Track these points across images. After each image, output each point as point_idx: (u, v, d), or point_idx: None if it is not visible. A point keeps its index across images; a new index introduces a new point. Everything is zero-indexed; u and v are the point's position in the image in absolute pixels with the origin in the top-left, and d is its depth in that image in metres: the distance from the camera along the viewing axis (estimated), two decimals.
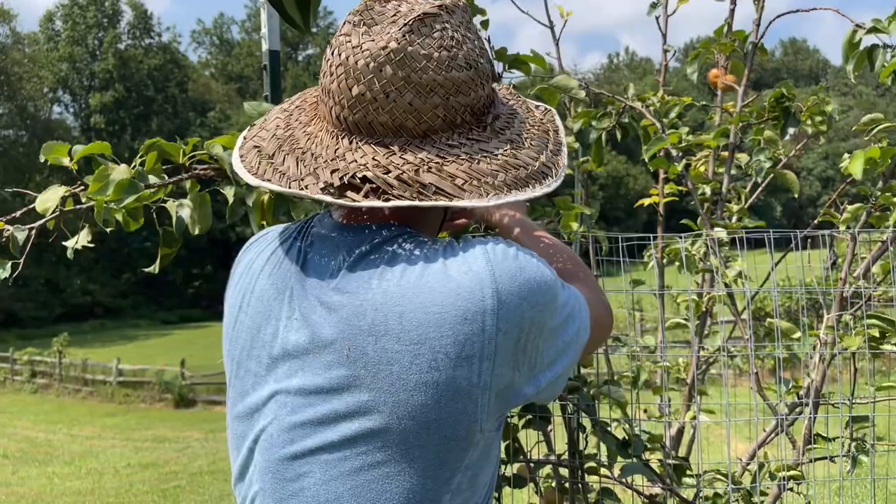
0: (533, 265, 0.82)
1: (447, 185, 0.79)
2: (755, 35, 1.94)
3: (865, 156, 1.42)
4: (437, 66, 0.81)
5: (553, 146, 0.88)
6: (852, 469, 1.47)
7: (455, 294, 0.77)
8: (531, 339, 0.80)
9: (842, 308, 1.51)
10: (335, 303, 0.81)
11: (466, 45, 0.83)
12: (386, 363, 0.77)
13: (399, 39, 0.80)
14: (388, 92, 0.80)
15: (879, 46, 1.57)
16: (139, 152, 1.45)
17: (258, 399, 0.86)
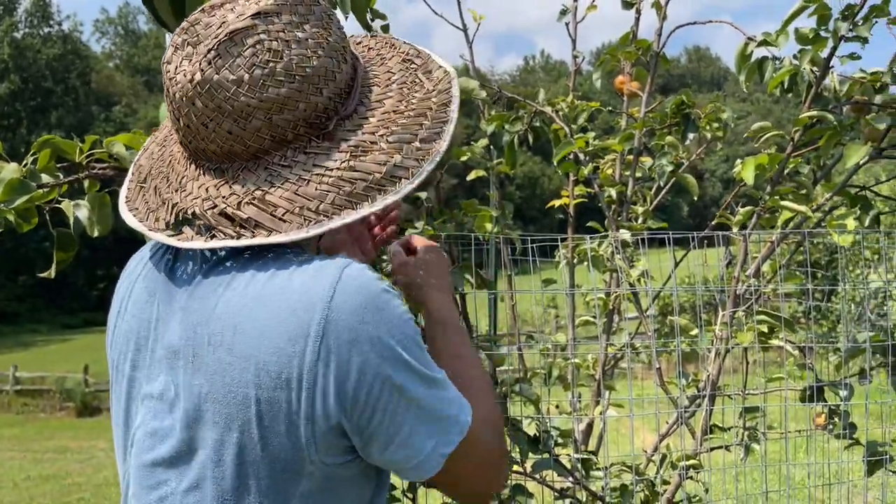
0: (394, 309, 0.74)
1: (266, 217, 0.74)
2: (657, 44, 2.03)
3: (755, 162, 1.51)
4: (250, 89, 0.75)
5: (428, 131, 0.78)
6: (745, 457, 1.56)
7: (289, 311, 0.73)
8: (372, 390, 0.73)
9: (736, 305, 1.60)
10: (188, 308, 0.79)
11: (289, 52, 0.76)
12: (220, 374, 0.75)
13: (205, 68, 0.76)
14: (205, 123, 0.77)
15: (769, 59, 1.67)
16: (31, 149, 1.37)
17: (132, 403, 0.83)
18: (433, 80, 0.84)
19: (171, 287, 0.82)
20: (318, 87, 0.77)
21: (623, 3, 2.39)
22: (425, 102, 0.80)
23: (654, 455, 1.83)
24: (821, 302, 1.68)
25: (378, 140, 0.77)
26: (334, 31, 0.80)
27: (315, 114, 0.77)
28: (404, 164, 0.76)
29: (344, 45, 0.81)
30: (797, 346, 1.55)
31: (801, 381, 1.72)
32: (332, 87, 0.78)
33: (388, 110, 0.79)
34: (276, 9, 0.77)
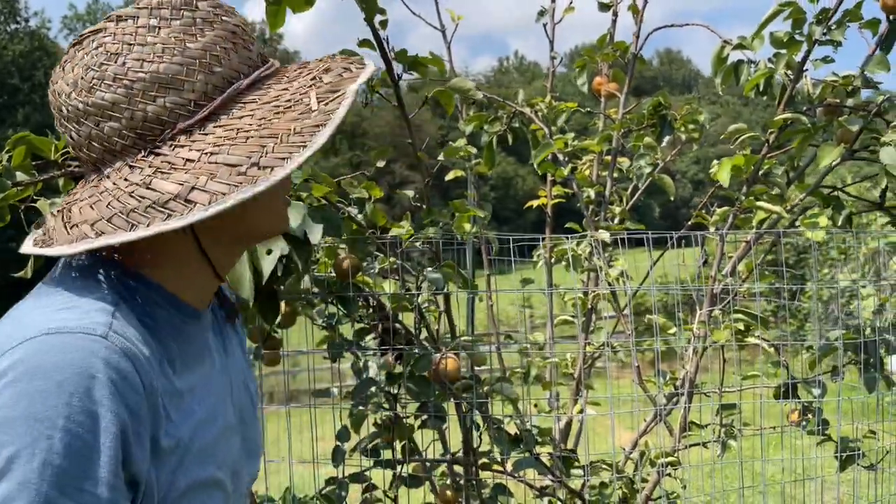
0: (42, 411, 0.63)
1: (60, 228, 0.71)
2: (635, 46, 2.05)
3: (731, 163, 1.54)
4: (80, 92, 0.71)
5: (269, 156, 0.68)
6: (722, 453, 1.58)
7: None
8: None
9: (712, 304, 1.63)
10: None
11: (126, 56, 0.70)
12: None
13: (56, 71, 0.74)
14: (58, 127, 0.75)
15: (744, 62, 1.69)
16: (5, 147, 1.35)
17: None
18: (326, 101, 0.72)
19: None
20: (151, 95, 0.70)
21: (600, 5, 2.41)
22: (292, 124, 0.70)
23: (632, 453, 1.85)
24: (790, 301, 1.72)
25: (197, 159, 0.69)
26: (207, 38, 0.73)
27: (145, 124, 0.70)
28: (208, 189, 0.67)
29: (216, 55, 0.73)
30: (771, 344, 1.58)
31: (776, 379, 1.75)
32: (173, 97, 0.71)
33: (236, 128, 0.71)
34: (134, 13, 0.73)
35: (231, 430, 0.82)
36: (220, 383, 0.82)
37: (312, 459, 1.51)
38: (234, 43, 0.75)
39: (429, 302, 1.75)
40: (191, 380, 0.76)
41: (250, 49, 0.77)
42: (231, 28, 0.75)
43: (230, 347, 0.89)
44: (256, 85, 0.75)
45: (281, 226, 0.84)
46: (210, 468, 0.75)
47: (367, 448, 1.52)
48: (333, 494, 1.49)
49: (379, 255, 1.70)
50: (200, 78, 0.72)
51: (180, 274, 0.78)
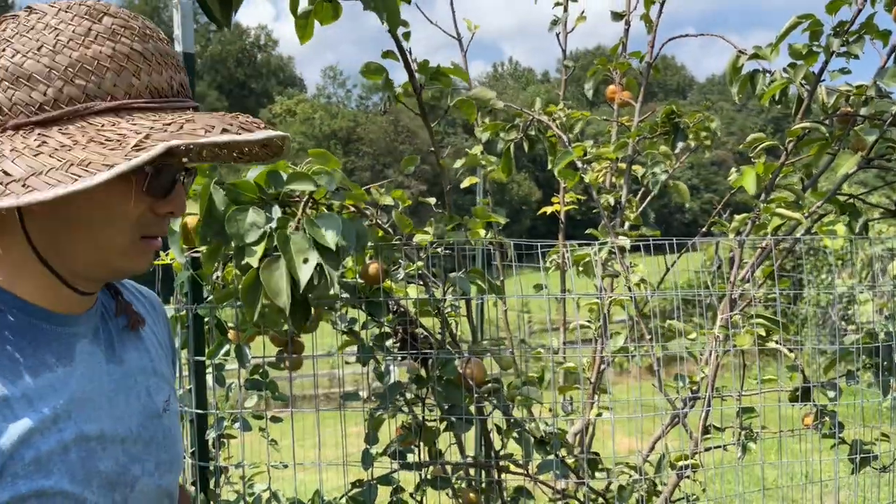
0: None
1: None
2: (650, 55, 2.08)
3: (754, 171, 1.57)
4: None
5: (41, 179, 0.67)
6: (742, 456, 1.61)
7: None
8: None
9: (731, 309, 1.66)
10: None
11: (11, 46, 0.73)
12: None
13: None
14: None
15: (760, 71, 1.73)
16: None
17: None
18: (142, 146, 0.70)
19: None
20: (4, 86, 0.72)
21: (613, 15, 2.46)
22: (95, 154, 0.68)
23: (649, 455, 1.88)
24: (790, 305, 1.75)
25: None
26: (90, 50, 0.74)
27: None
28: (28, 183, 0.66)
29: (87, 69, 0.73)
30: (791, 349, 1.61)
31: (790, 383, 1.78)
32: (21, 94, 0.72)
33: (42, 140, 0.71)
34: (48, 10, 0.75)
35: (103, 441, 0.79)
36: (87, 390, 0.80)
37: (343, 462, 1.53)
38: (119, 64, 0.74)
39: (452, 307, 1.78)
40: (29, 385, 0.74)
41: (144, 77, 0.75)
42: (126, 50, 0.75)
43: (125, 355, 0.87)
44: (129, 112, 0.74)
45: (118, 263, 0.80)
46: (54, 479, 0.73)
47: (395, 451, 1.54)
48: (362, 497, 1.51)
49: (404, 261, 1.72)
50: (57, 84, 0.72)
51: (18, 275, 0.77)
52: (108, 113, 0.73)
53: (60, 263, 0.78)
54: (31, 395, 0.74)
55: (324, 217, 1.35)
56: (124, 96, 0.74)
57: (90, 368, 0.81)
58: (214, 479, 1.63)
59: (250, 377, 1.54)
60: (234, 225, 1.30)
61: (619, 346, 1.91)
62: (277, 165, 1.40)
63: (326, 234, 1.31)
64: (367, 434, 1.55)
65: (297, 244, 1.30)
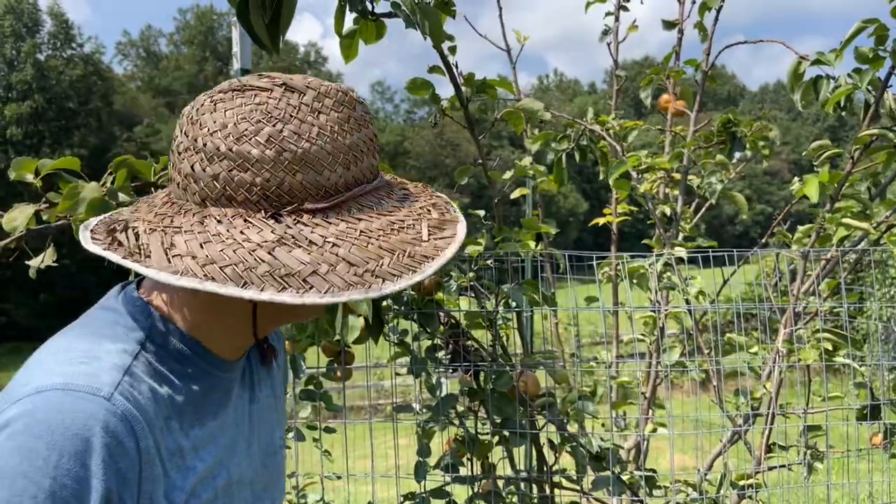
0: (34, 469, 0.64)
1: (159, 251, 0.70)
2: (706, 63, 2.04)
3: (818, 180, 1.52)
4: (227, 135, 0.73)
5: (383, 269, 0.71)
6: (808, 476, 1.55)
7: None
8: None
9: (795, 323, 1.60)
10: None
11: (285, 125, 0.73)
12: None
13: (205, 104, 0.76)
14: (179, 150, 0.76)
15: (823, 78, 1.68)
16: (108, 169, 1.41)
17: None
18: (434, 235, 0.77)
19: None
20: (294, 169, 0.73)
21: (664, 23, 2.42)
22: (406, 246, 0.74)
23: (707, 473, 1.82)
24: (851, 320, 1.69)
25: (321, 244, 0.71)
26: (354, 137, 0.77)
27: (278, 190, 0.73)
28: (327, 278, 0.69)
29: (356, 155, 0.77)
30: (861, 364, 1.54)
31: (859, 400, 1.71)
32: (311, 178, 0.74)
33: (357, 229, 0.74)
34: (303, 89, 0.76)
35: (239, 485, 0.81)
36: (233, 435, 0.81)
37: (395, 473, 1.52)
38: (368, 148, 0.79)
39: (504, 319, 1.77)
40: (198, 435, 0.76)
41: (375, 158, 0.81)
42: (370, 135, 0.80)
43: (259, 394, 0.88)
44: (372, 193, 0.79)
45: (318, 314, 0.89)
46: None
47: (448, 464, 1.53)
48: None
49: (455, 273, 1.72)
50: (339, 170, 0.75)
51: (213, 327, 0.78)
52: (369, 196, 0.78)
53: (267, 324, 0.82)
54: (198, 444, 0.75)
55: None
56: (371, 177, 0.79)
57: (238, 412, 0.83)
58: None
59: (304, 387, 1.55)
60: None
61: (674, 359, 1.87)
62: None
63: None
64: (419, 446, 1.54)
65: None
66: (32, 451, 0.65)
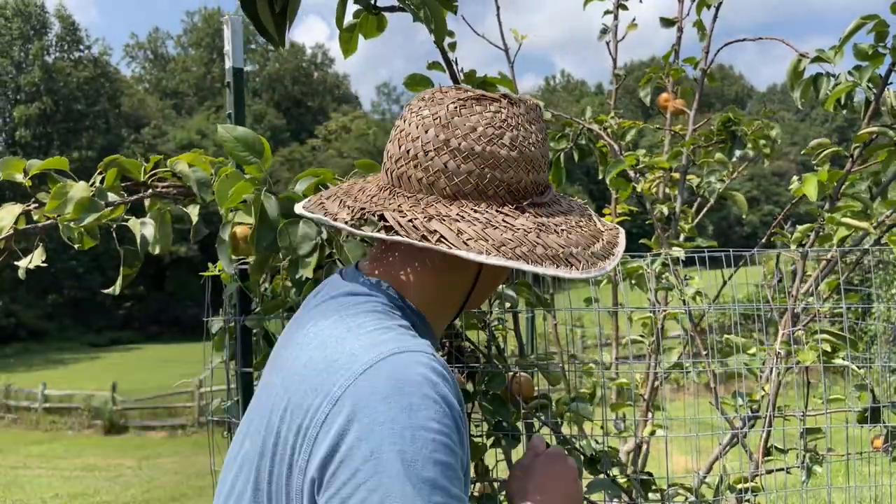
0: (415, 419, 0.72)
1: (452, 235, 0.82)
2: (705, 62, 2.02)
3: (816, 178, 1.49)
4: (479, 138, 0.87)
5: (600, 250, 0.88)
6: (807, 480, 1.52)
7: (327, 363, 0.79)
8: (353, 477, 0.70)
9: (793, 323, 1.58)
10: (293, 341, 0.88)
11: (518, 131, 0.88)
12: (268, 396, 0.85)
13: (450, 110, 0.88)
14: (426, 151, 0.87)
15: (823, 75, 1.65)
16: (98, 168, 1.40)
17: None
18: (602, 225, 0.96)
19: (299, 315, 0.93)
20: (528, 168, 0.88)
21: (662, 21, 2.39)
22: (596, 233, 0.91)
23: (706, 477, 1.80)
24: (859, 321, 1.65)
25: (559, 230, 0.87)
26: (546, 147, 0.94)
27: (518, 186, 0.88)
28: (576, 256, 0.85)
29: (548, 160, 0.95)
30: (860, 366, 1.52)
31: (859, 403, 1.69)
32: (535, 177, 0.90)
33: (570, 220, 0.91)
34: (518, 101, 0.91)
35: None
36: None
37: None
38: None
39: (498, 320, 1.75)
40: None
41: None
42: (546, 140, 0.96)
43: None
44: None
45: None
46: None
47: None
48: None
49: None
50: (543, 172, 0.92)
51: (438, 306, 0.92)
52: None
53: (473, 303, 0.97)
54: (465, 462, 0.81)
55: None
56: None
57: None
58: None
59: None
60: (286, 238, 1.29)
61: (672, 361, 1.84)
62: (325, 177, 1.40)
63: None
64: None
65: (352, 251, 1.30)
66: (412, 406, 0.73)
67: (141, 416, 15.11)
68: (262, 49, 54.48)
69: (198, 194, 1.34)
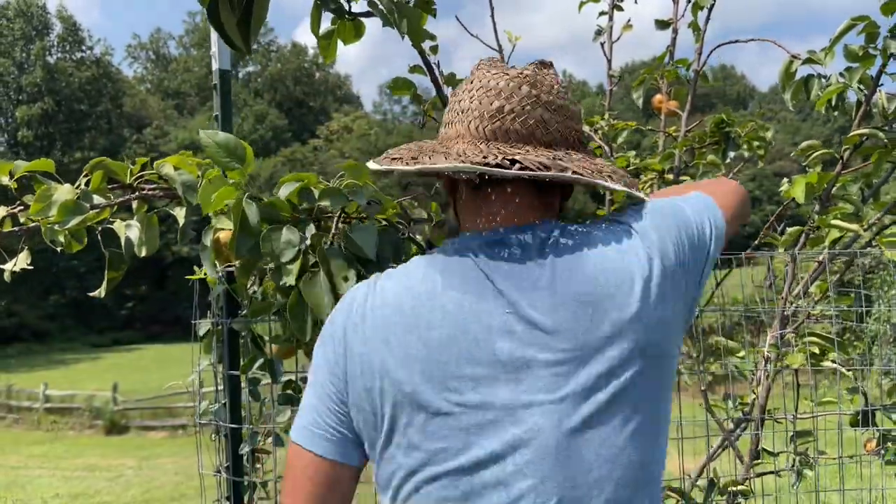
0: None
1: (586, 172, 0.95)
2: (698, 63, 2.01)
3: (805, 181, 1.49)
4: (558, 93, 1.00)
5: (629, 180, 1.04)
6: (797, 482, 1.51)
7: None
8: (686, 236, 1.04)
9: (783, 326, 1.57)
10: (557, 289, 0.91)
11: (567, 93, 1.03)
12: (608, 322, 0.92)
13: (530, 70, 1.01)
14: (523, 105, 0.97)
15: (814, 76, 1.64)
16: (84, 171, 1.40)
17: (498, 399, 0.89)
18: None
19: (514, 282, 0.92)
20: (580, 121, 1.04)
21: (657, 23, 2.39)
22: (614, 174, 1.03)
23: (697, 480, 1.79)
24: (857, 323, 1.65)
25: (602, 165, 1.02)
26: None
27: (578, 134, 1.03)
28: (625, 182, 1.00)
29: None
30: (849, 369, 1.51)
31: (851, 406, 1.68)
32: (580, 126, 1.06)
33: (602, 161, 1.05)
34: (552, 66, 1.05)
35: None
36: None
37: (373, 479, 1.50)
38: None
39: None
40: None
41: None
42: None
43: None
44: None
45: None
46: None
47: None
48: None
49: None
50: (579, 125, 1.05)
51: None
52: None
53: None
54: None
55: (359, 229, 1.34)
56: None
57: None
58: (249, 494, 1.63)
59: (283, 392, 1.54)
60: (268, 245, 1.28)
61: None
62: (309, 182, 1.39)
63: (364, 246, 1.29)
64: None
65: (334, 258, 1.29)
66: None
67: (142, 417, 15.13)
68: (264, 49, 54.55)
69: (183, 197, 1.34)
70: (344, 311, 1.00)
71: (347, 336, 0.97)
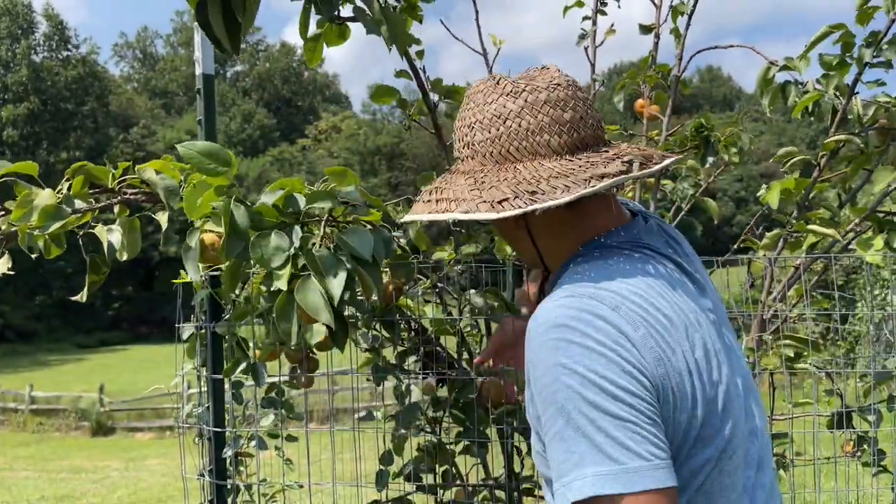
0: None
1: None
2: (678, 68, 2.03)
3: (781, 186, 1.51)
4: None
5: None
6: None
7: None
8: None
9: (761, 329, 1.59)
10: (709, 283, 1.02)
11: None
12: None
13: (558, 74, 0.98)
14: (587, 109, 0.96)
15: (791, 83, 1.67)
16: (65, 175, 1.40)
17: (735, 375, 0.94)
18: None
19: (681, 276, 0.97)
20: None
21: (641, 27, 2.41)
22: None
23: None
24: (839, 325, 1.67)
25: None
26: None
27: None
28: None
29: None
30: (826, 372, 1.53)
31: (828, 407, 1.70)
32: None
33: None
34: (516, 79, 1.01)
35: None
36: None
37: (357, 483, 1.51)
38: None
39: (471, 326, 1.75)
40: None
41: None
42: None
43: None
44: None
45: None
46: None
47: (410, 473, 1.52)
48: None
49: (421, 279, 1.71)
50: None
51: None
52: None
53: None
54: None
55: (352, 231, 1.34)
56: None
57: None
58: (232, 497, 1.63)
59: (266, 395, 1.54)
60: (258, 251, 1.27)
61: None
62: (294, 187, 1.40)
63: (360, 247, 1.29)
64: (381, 454, 1.53)
65: (325, 261, 1.29)
66: None
67: (128, 418, 15.03)
68: (252, 49, 54.33)
69: (165, 202, 1.34)
70: None
71: None
